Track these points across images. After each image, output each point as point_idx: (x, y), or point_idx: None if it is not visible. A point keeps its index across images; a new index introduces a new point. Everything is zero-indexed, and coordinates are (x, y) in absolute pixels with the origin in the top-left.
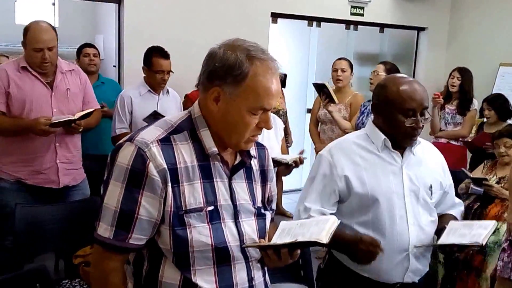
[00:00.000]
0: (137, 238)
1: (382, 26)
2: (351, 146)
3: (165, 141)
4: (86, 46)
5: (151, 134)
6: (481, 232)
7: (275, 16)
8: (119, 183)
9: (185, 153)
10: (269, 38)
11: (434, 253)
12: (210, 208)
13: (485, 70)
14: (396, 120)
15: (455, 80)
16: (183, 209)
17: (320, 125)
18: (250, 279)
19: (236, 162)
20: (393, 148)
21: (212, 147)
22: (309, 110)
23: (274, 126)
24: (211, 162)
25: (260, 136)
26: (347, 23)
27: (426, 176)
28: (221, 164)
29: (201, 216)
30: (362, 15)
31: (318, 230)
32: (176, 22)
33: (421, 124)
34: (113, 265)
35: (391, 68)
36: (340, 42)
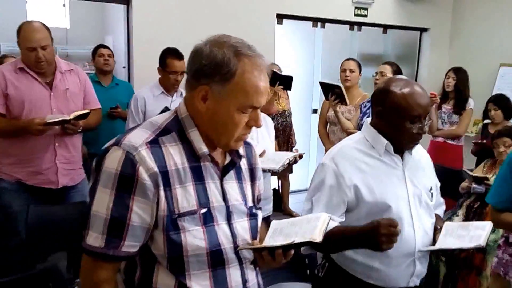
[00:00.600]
0: (130, 246)
1: (385, 27)
2: (354, 153)
3: (154, 144)
4: (101, 47)
5: (139, 137)
6: (480, 234)
7: (281, 17)
8: (108, 190)
9: (175, 155)
10: (275, 39)
11: (436, 252)
12: (204, 211)
13: (486, 71)
14: (403, 127)
15: (450, 80)
16: (176, 213)
17: (329, 126)
18: (244, 282)
19: (226, 162)
20: (394, 152)
21: (203, 148)
22: (315, 111)
23: (265, 126)
24: (202, 163)
25: (255, 136)
26: (351, 24)
27: (425, 178)
28: (212, 165)
29: (195, 219)
30: (366, 16)
31: (311, 229)
32: (183, 23)
33: (425, 129)
34: (106, 275)
35: (397, 70)
36: (344, 43)
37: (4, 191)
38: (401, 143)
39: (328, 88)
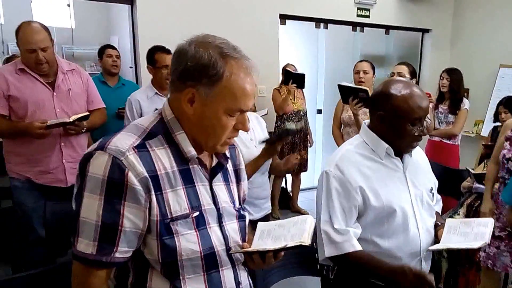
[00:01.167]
0: (124, 251)
1: (388, 28)
2: (357, 158)
3: (141, 148)
4: (109, 47)
5: (125, 141)
6: (483, 231)
7: (284, 18)
8: (96, 195)
9: (164, 159)
10: (279, 40)
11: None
12: (196, 214)
13: (486, 71)
14: (405, 130)
15: (445, 81)
16: (169, 217)
17: (344, 128)
18: (238, 283)
19: (214, 165)
20: (394, 155)
21: (191, 151)
22: (319, 111)
23: (261, 127)
24: (191, 166)
25: (252, 136)
26: (354, 25)
27: (425, 179)
28: (200, 168)
29: (188, 223)
30: (368, 17)
31: (299, 232)
32: (187, 23)
33: (425, 130)
34: (99, 282)
35: (413, 70)
36: (347, 44)
37: (17, 189)
38: (402, 146)
39: (350, 92)
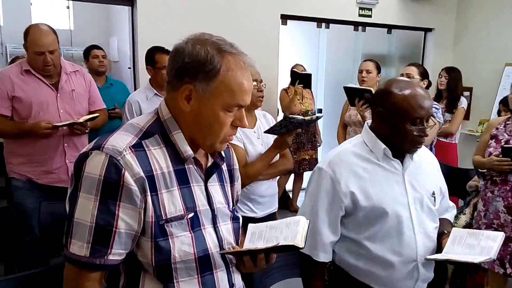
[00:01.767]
0: (118, 253)
1: (390, 27)
2: (351, 158)
3: (138, 148)
4: (94, 48)
5: (122, 141)
6: (491, 245)
7: (285, 18)
8: (92, 196)
9: (160, 159)
10: (279, 40)
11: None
12: (191, 215)
13: (491, 70)
14: (405, 129)
15: (443, 79)
16: (164, 218)
17: (348, 128)
18: (231, 285)
19: (209, 164)
20: (393, 156)
21: (188, 151)
22: (320, 111)
23: (268, 125)
24: (186, 166)
25: (258, 135)
26: (355, 25)
27: (428, 182)
28: (196, 168)
29: (183, 225)
30: (370, 17)
31: (292, 234)
32: (187, 24)
33: (427, 132)
34: (92, 286)
35: (424, 71)
36: (349, 43)
37: (17, 189)
38: (403, 146)
39: (355, 93)
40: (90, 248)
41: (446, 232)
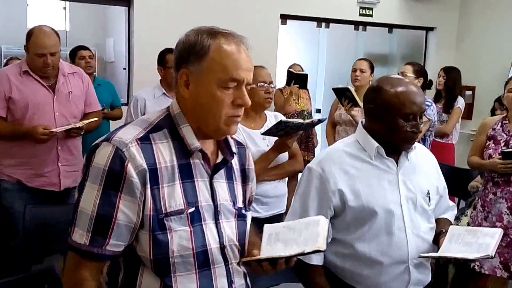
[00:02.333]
0: (115, 245)
1: (391, 27)
2: (342, 157)
3: (145, 140)
4: (81, 49)
5: (130, 133)
6: (489, 242)
7: (284, 18)
8: (96, 186)
9: (165, 153)
10: (279, 40)
11: (439, 259)
12: (191, 210)
13: (496, 70)
14: (397, 125)
15: (441, 79)
16: (163, 212)
17: (336, 127)
18: (230, 283)
19: (218, 161)
20: (387, 155)
21: (195, 143)
22: (318, 111)
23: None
24: (192, 161)
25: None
26: (356, 24)
27: (423, 182)
28: (203, 163)
29: (182, 219)
30: (371, 16)
31: (313, 236)
32: (185, 25)
33: (421, 128)
34: (88, 273)
35: (419, 69)
36: (349, 43)
37: (6, 192)
38: (396, 143)
39: (341, 93)
40: (90, 237)
41: (444, 231)
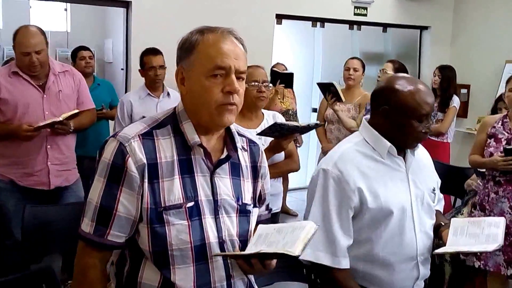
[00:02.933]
0: (116, 235)
1: (385, 26)
2: (357, 157)
3: (147, 136)
4: (82, 49)
5: (134, 129)
6: (495, 232)
7: (280, 17)
8: (102, 178)
9: (166, 148)
10: (274, 39)
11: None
12: (190, 204)
13: (491, 68)
14: (411, 126)
15: (436, 78)
16: (162, 206)
17: (327, 125)
18: (228, 277)
19: (223, 157)
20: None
21: (195, 138)
22: (315, 110)
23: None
24: (193, 156)
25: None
26: (351, 23)
27: (428, 179)
28: (204, 158)
29: (180, 213)
30: (366, 15)
31: (292, 240)
32: (181, 26)
33: (431, 128)
34: (92, 262)
35: (400, 67)
36: (344, 42)
37: (0, 191)
38: (405, 143)
39: (325, 88)
40: (94, 227)
41: (444, 224)
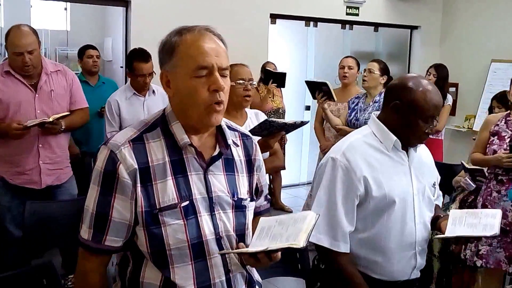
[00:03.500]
0: (113, 240)
1: (377, 25)
2: (364, 147)
3: (137, 141)
4: (89, 48)
5: (124, 136)
6: (492, 222)
7: (274, 17)
8: (95, 186)
9: (157, 150)
10: (269, 39)
11: (429, 247)
12: (185, 204)
13: (477, 67)
14: (416, 125)
15: (431, 77)
16: (157, 208)
17: (326, 123)
18: (227, 271)
19: (215, 154)
20: (401, 148)
21: (184, 138)
22: (308, 108)
23: (258, 121)
24: (185, 156)
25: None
26: (343, 23)
27: (429, 174)
28: (196, 157)
29: (176, 213)
30: (357, 15)
31: (295, 232)
32: (179, 24)
33: (434, 129)
34: (91, 266)
35: (385, 67)
36: (336, 42)
37: None
38: (408, 141)
39: (315, 86)
40: (92, 233)
41: (442, 216)
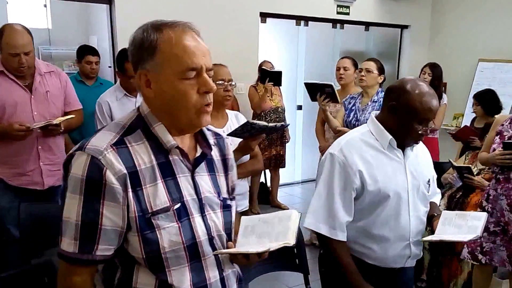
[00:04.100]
0: (105, 249)
1: (367, 25)
2: (361, 144)
3: (120, 144)
4: (89, 54)
5: (103, 140)
6: (477, 224)
7: (264, 16)
8: (77, 195)
9: (143, 154)
10: (259, 38)
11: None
12: (177, 206)
13: (465, 66)
14: (411, 127)
15: (426, 76)
16: (150, 212)
17: (326, 124)
18: (221, 271)
19: (197, 155)
20: (396, 147)
21: (171, 141)
22: (299, 107)
23: (239, 124)
24: (171, 158)
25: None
26: (334, 22)
27: (424, 171)
28: (182, 159)
29: (169, 216)
30: (348, 14)
31: (284, 230)
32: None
33: (428, 131)
34: (81, 280)
35: (382, 66)
36: (327, 41)
37: None
38: (404, 140)
39: (316, 89)
40: (79, 245)
41: (436, 215)
